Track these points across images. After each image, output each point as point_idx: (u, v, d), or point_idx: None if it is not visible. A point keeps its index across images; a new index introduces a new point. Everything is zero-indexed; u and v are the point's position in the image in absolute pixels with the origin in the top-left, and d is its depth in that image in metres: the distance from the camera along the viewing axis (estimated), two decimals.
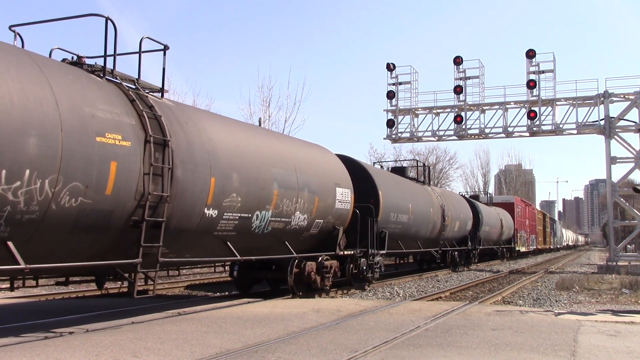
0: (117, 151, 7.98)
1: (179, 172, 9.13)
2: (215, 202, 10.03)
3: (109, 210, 7.97)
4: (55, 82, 7.43)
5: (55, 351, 7.02)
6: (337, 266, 15.37)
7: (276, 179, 11.93)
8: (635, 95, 27.54)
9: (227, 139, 10.82)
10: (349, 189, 15.48)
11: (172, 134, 9.17)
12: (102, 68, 8.80)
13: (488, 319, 10.45)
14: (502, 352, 7.44)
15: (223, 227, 10.50)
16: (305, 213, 13.20)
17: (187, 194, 9.33)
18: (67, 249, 7.84)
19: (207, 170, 9.78)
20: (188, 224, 9.60)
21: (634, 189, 28.70)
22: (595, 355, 7.37)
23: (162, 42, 9.79)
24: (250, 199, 11.02)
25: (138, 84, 9.42)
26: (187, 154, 9.39)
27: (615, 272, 25.33)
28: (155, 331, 8.57)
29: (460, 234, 28.00)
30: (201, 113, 10.68)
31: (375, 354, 7.23)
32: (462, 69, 30.00)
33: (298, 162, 13.13)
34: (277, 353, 7.13)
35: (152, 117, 8.92)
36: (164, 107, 9.61)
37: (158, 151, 8.77)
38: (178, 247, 9.84)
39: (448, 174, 64.47)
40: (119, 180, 7.98)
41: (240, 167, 10.78)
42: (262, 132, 12.96)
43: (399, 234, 19.61)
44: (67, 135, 7.23)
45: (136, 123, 8.52)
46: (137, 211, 8.41)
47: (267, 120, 34.58)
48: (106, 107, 8.05)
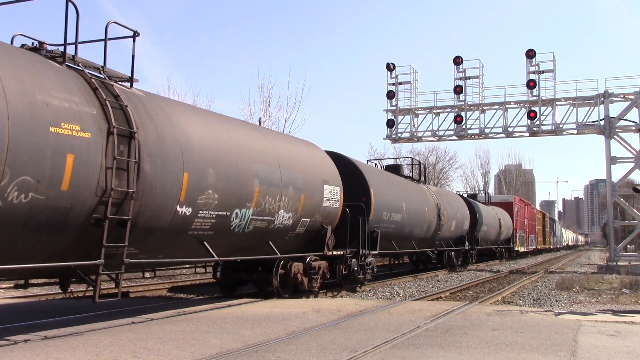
0: (75, 143, 7.33)
1: (146, 167, 8.49)
2: (189, 199, 9.39)
3: (66, 207, 7.33)
4: (3, 66, 6.78)
5: (55, 351, 6.95)
6: (326, 267, 14.73)
7: (257, 175, 11.28)
8: (635, 95, 27.46)
9: (203, 132, 10.17)
10: (338, 187, 14.83)
11: (139, 126, 8.52)
12: (62, 54, 8.15)
13: (488, 319, 10.39)
14: (502, 352, 7.40)
15: (199, 225, 9.85)
16: (290, 211, 12.55)
17: (156, 190, 8.68)
18: (20, 249, 7.19)
19: (179, 165, 9.14)
20: (159, 222, 8.95)
21: (634, 189, 28.61)
22: (595, 355, 7.31)
23: (132, 28, 9.15)
24: (228, 196, 10.38)
25: (104, 72, 8.78)
26: (156, 147, 8.74)
27: (615, 272, 25.15)
28: (155, 331, 8.50)
29: (457, 233, 27.35)
30: (175, 104, 10.03)
31: (376, 354, 7.19)
32: (462, 69, 29.96)
33: (282, 157, 12.48)
34: (277, 353, 7.09)
35: (117, 107, 8.27)
36: (133, 97, 8.97)
37: (123, 144, 8.12)
38: (149, 248, 9.20)
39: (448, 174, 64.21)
40: (77, 174, 7.33)
41: (218, 162, 10.13)
42: (243, 126, 12.30)
43: (392, 233, 18.97)
44: (14, 125, 6.58)
45: (98, 113, 7.87)
46: (98, 208, 7.77)
47: (267, 120, 34.50)
48: (63, 95, 7.40)
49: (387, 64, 30.17)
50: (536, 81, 28.31)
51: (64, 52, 8.17)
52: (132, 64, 9.30)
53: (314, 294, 14.29)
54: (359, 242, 16.02)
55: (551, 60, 28.61)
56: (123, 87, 9.00)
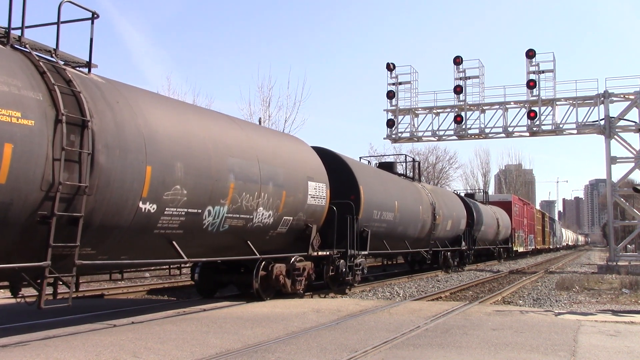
0: (14, 131, 6.58)
1: (102, 159, 7.72)
2: (153, 195, 8.63)
3: (5, 203, 6.58)
4: None
5: (55, 351, 6.92)
6: (311, 268, 13.97)
7: (233, 170, 10.52)
8: (635, 95, 27.46)
9: (171, 122, 9.40)
10: (323, 184, 14.07)
11: (95, 114, 7.76)
12: (6, 34, 7.40)
13: (488, 319, 10.41)
14: (502, 352, 7.41)
15: (165, 224, 9.09)
16: (270, 209, 11.79)
17: (114, 184, 7.92)
18: None
19: (141, 158, 8.37)
20: (119, 220, 8.19)
21: (634, 189, 28.73)
22: (595, 355, 7.33)
23: (89, 9, 8.38)
24: (199, 192, 9.62)
25: (56, 55, 8.02)
26: (114, 138, 7.98)
27: (615, 272, 25.17)
28: (155, 331, 8.48)
29: (453, 233, 26.56)
30: (139, 92, 9.25)
31: (376, 353, 7.19)
32: (462, 68, 29.81)
33: (262, 151, 11.72)
34: (277, 353, 7.08)
35: (69, 93, 7.51)
36: (90, 83, 8.20)
37: (74, 133, 7.37)
38: (109, 248, 8.44)
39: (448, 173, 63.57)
40: (17, 166, 6.58)
41: (187, 156, 9.37)
42: (218, 118, 11.52)
43: (383, 233, 18.19)
44: None
45: (45, 99, 7.11)
46: (44, 204, 7.01)
47: (267, 120, 34.20)
48: (2, 79, 6.65)
49: (387, 64, 30.10)
50: (536, 81, 28.21)
51: (8, 32, 7.41)
52: (90, 47, 8.51)
53: (299, 295, 13.54)
54: (348, 241, 15.27)
55: (551, 60, 28.50)
56: (79, 73, 8.23)
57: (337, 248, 14.97)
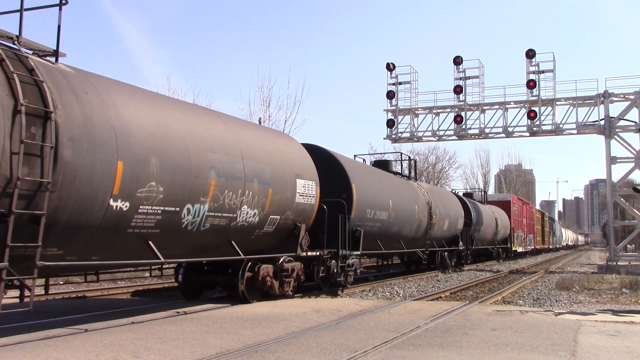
0: None
1: (67, 153, 7.22)
2: (126, 192, 8.12)
3: None
4: None
5: (55, 351, 6.89)
6: (300, 269, 13.46)
7: (214, 167, 10.02)
8: (635, 95, 27.38)
9: (146, 115, 8.89)
10: (313, 181, 13.56)
11: (59, 105, 7.26)
12: None
13: (488, 319, 10.39)
14: (502, 352, 7.39)
15: (140, 223, 8.58)
16: (255, 208, 11.29)
17: (81, 180, 7.41)
18: None
19: (111, 152, 7.87)
20: (87, 218, 7.68)
21: (634, 189, 28.68)
22: (595, 355, 7.31)
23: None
24: (177, 190, 9.11)
25: (19, 42, 7.53)
26: (81, 131, 7.48)
27: (615, 272, 25.07)
28: (155, 331, 8.45)
29: (450, 233, 26.05)
30: (112, 83, 8.74)
31: (376, 354, 7.17)
32: (462, 68, 29.71)
33: (246, 147, 11.21)
34: (277, 353, 7.06)
35: (31, 82, 7.02)
36: (56, 72, 7.70)
37: (35, 125, 6.88)
38: (78, 248, 7.93)
39: (448, 173, 63.10)
40: None
41: (163, 151, 8.86)
42: (199, 112, 11.00)
43: (377, 232, 17.69)
44: None
45: (2, 88, 6.62)
46: (1, 201, 6.52)
47: (267, 120, 33.80)
48: None
49: (387, 64, 30.11)
50: (536, 81, 28.07)
51: None
52: (57, 35, 8.01)
53: (288, 297, 13.03)
54: (339, 241, 14.77)
55: (551, 60, 28.35)
56: (44, 62, 7.73)
57: (328, 248, 14.47)
